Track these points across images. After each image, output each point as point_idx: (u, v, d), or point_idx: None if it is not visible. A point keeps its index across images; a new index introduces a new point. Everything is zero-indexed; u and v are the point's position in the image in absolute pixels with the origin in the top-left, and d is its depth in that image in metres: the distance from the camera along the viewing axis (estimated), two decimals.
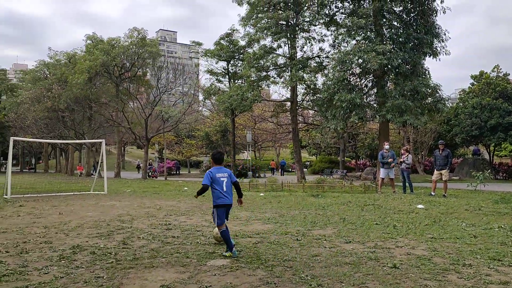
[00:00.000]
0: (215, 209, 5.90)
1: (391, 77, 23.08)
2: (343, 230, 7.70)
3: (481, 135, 31.52)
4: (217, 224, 5.94)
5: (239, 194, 6.23)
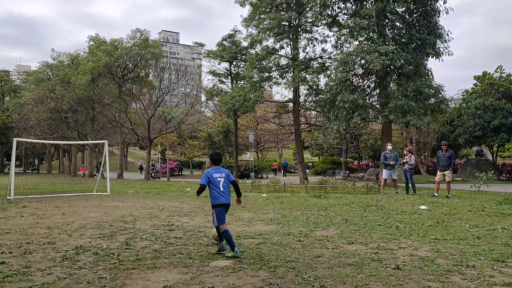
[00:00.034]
0: (213, 210, 5.98)
1: (394, 77, 23.05)
2: (345, 231, 7.69)
3: (484, 136, 31.42)
4: (217, 224, 5.96)
5: (238, 193, 6.27)
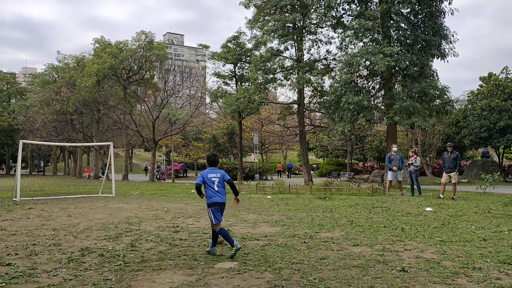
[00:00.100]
0: (209, 209, 6.08)
1: (399, 79, 22.97)
2: (351, 233, 7.67)
3: (490, 137, 31.23)
4: (214, 223, 6.04)
5: (235, 192, 6.35)
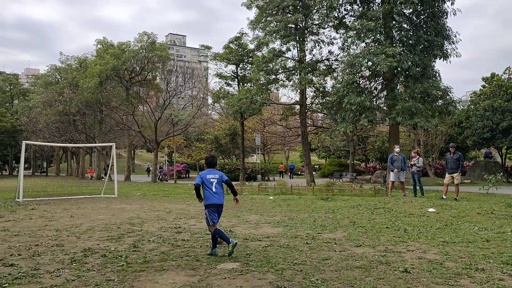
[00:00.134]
0: (206, 210, 6.09)
1: (401, 79, 22.94)
2: (353, 234, 7.66)
3: (493, 138, 31.13)
4: (209, 225, 6.08)
5: (233, 192, 6.37)
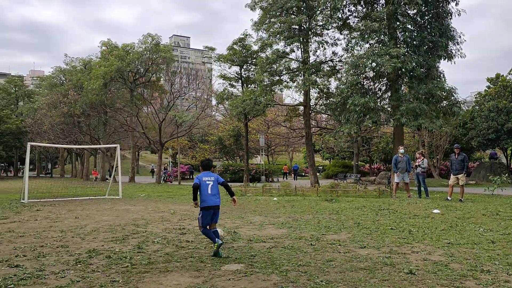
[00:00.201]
0: (200, 212, 6.24)
1: (405, 80, 22.86)
2: (357, 235, 7.64)
3: (498, 139, 30.96)
4: (201, 225, 6.22)
5: (230, 193, 6.45)
